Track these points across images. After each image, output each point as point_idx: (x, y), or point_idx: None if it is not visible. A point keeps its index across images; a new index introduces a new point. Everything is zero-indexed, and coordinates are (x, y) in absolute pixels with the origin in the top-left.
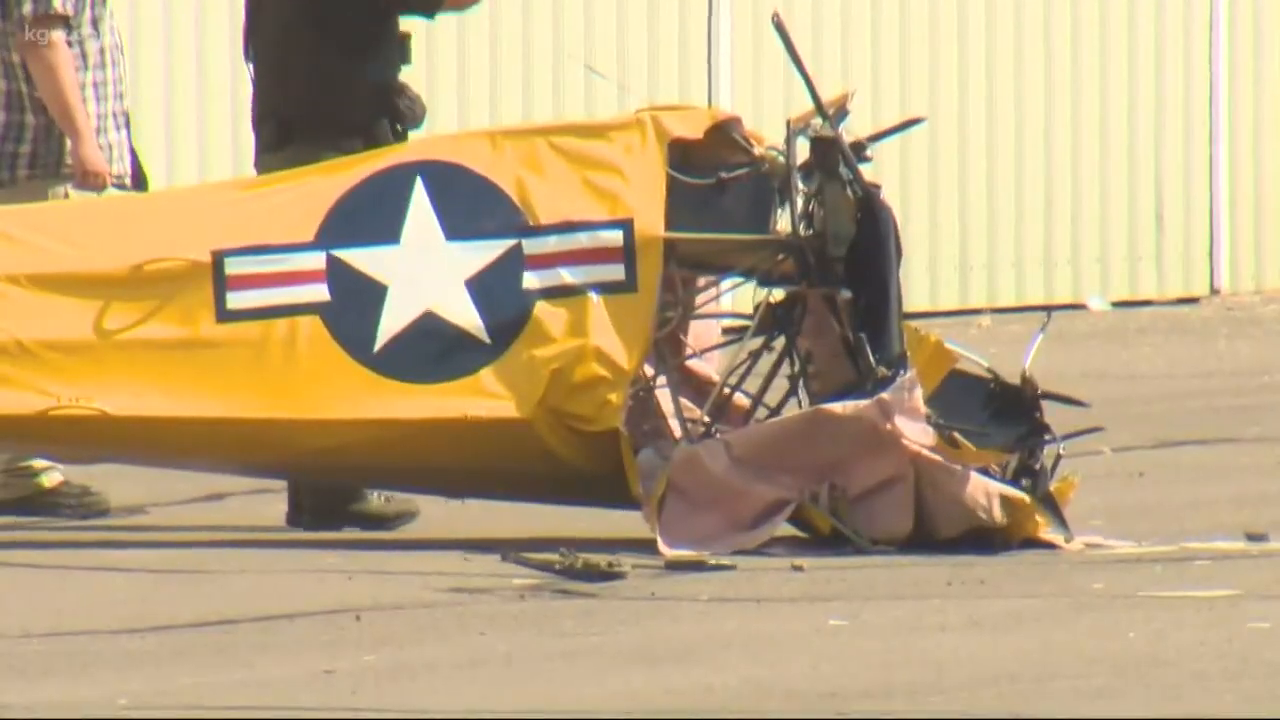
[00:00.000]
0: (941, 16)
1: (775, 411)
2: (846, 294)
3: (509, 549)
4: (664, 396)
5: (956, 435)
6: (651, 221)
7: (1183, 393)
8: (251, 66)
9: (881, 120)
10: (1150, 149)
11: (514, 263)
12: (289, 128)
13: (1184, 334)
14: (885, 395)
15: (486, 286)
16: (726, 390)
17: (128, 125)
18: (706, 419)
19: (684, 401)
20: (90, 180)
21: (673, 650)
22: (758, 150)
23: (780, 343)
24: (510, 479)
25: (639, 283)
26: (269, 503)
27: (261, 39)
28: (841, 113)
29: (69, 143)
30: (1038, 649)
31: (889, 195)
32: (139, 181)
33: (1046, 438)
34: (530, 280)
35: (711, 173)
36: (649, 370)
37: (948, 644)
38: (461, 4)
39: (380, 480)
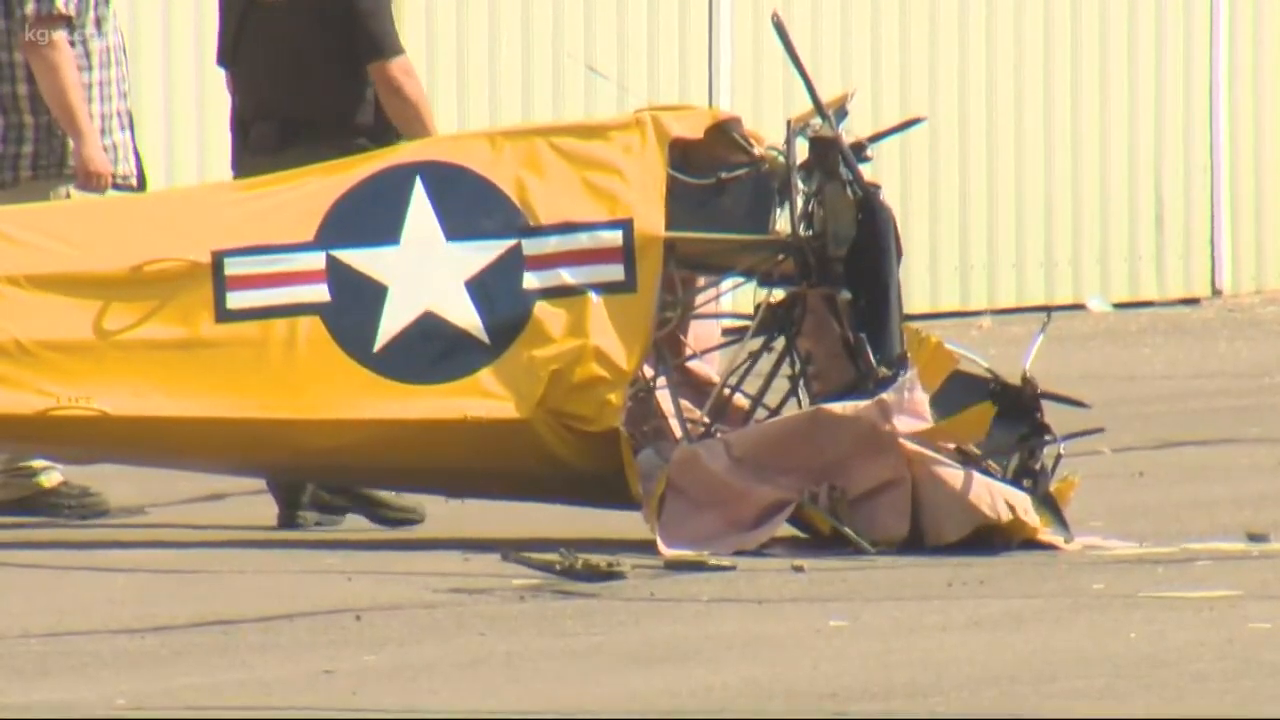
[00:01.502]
0: (941, 17)
1: (775, 412)
2: (846, 294)
3: (509, 549)
4: (664, 397)
5: None
6: (651, 221)
7: (1183, 394)
8: (232, 69)
9: (881, 120)
10: (1150, 149)
11: (514, 263)
12: (293, 129)
13: (1184, 335)
14: (886, 396)
15: (486, 287)
16: (726, 391)
17: (131, 125)
18: (706, 419)
19: (684, 402)
20: (92, 181)
21: (673, 650)
22: (758, 150)
23: (780, 343)
24: (510, 479)
25: (639, 283)
26: (269, 503)
27: (258, 41)
28: (841, 113)
29: (71, 143)
30: (1038, 649)
31: (889, 195)
32: (141, 182)
33: (1047, 438)
34: (530, 280)
35: (711, 173)
36: (649, 371)
37: (948, 645)
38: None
39: (380, 480)
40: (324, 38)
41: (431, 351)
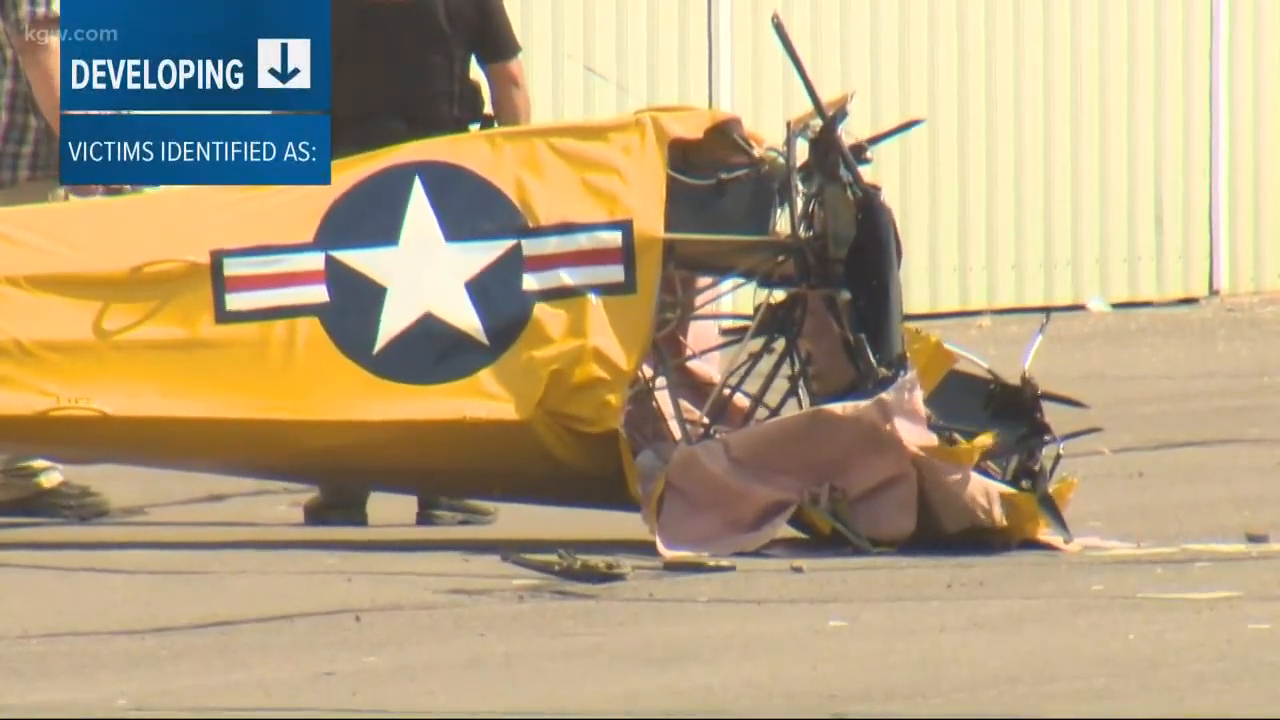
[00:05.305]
0: (941, 17)
1: (775, 412)
2: (846, 295)
3: (509, 550)
4: (663, 398)
5: (956, 436)
6: (651, 222)
7: (1182, 394)
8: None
9: (881, 121)
10: (1150, 150)
11: (513, 264)
12: (420, 122)
13: (1183, 335)
14: (885, 396)
15: (486, 288)
16: (726, 391)
17: None
18: (706, 420)
19: (683, 403)
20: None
21: (672, 651)
22: (757, 151)
23: (780, 344)
24: (509, 480)
25: (638, 284)
26: (269, 503)
27: (382, 39)
28: (841, 114)
29: None
30: (1037, 650)
31: (889, 196)
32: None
33: (1046, 438)
34: (529, 281)
35: (711, 174)
36: (648, 372)
37: (947, 645)
38: None
39: (380, 481)
40: (453, 35)
41: (431, 352)
